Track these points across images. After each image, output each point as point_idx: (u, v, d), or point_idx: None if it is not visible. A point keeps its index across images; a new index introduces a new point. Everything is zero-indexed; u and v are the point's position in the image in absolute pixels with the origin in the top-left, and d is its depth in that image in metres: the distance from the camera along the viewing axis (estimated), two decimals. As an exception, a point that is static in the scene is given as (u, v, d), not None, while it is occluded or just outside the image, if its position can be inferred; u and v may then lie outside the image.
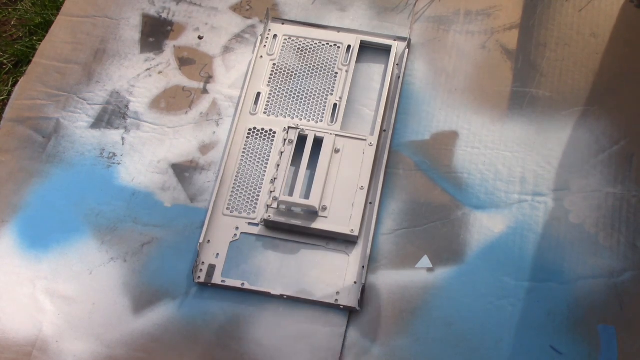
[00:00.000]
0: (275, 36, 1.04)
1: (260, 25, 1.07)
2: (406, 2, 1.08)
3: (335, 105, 0.98)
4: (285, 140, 0.95)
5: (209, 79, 1.03)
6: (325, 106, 0.98)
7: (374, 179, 0.93)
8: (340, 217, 0.89)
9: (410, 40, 1.03)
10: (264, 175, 0.93)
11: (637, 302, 0.84)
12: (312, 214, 0.89)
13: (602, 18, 1.03)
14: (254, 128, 0.97)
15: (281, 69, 1.02)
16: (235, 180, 0.94)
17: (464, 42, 1.03)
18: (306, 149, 0.93)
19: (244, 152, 0.95)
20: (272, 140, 0.96)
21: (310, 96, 0.99)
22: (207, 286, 0.87)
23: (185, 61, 1.05)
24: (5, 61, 1.26)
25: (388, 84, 0.99)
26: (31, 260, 0.90)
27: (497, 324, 0.84)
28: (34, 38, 1.27)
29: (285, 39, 1.04)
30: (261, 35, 1.04)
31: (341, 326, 0.85)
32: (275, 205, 0.90)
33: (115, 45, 1.06)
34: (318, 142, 0.94)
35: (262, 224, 0.91)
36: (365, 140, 0.94)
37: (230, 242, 0.90)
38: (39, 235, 0.92)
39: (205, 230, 0.89)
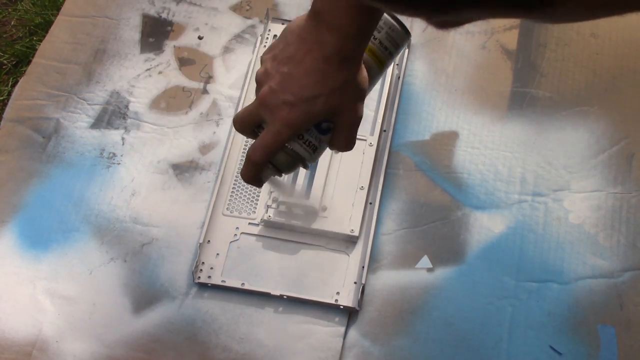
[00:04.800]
0: (275, 36, 1.04)
1: (260, 25, 1.07)
2: (406, 2, 1.07)
3: (335, 105, 0.98)
4: (285, 140, 0.95)
5: (209, 79, 1.03)
6: (325, 106, 0.98)
7: (374, 179, 0.93)
8: (340, 217, 0.89)
9: (410, 40, 1.03)
10: (264, 175, 0.93)
11: (637, 302, 0.84)
12: (312, 214, 0.89)
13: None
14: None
15: (281, 69, 1.02)
16: (235, 180, 0.93)
17: (464, 42, 1.03)
18: (306, 149, 0.93)
19: (244, 152, 0.95)
20: (272, 140, 0.96)
21: (310, 96, 0.99)
22: (207, 286, 0.87)
23: (185, 61, 1.05)
24: (5, 61, 1.26)
25: (388, 84, 0.99)
26: (31, 260, 0.90)
27: (497, 324, 0.84)
28: (34, 38, 1.27)
29: (285, 39, 1.04)
30: (261, 35, 1.04)
31: (341, 326, 0.85)
32: (275, 205, 0.90)
33: (115, 45, 1.06)
34: (318, 142, 0.94)
35: (262, 224, 0.91)
36: (365, 140, 0.94)
37: (230, 242, 0.90)
38: (39, 235, 0.92)
39: (205, 230, 0.89)
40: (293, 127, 0.63)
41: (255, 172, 0.67)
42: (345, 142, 0.67)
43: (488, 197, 0.92)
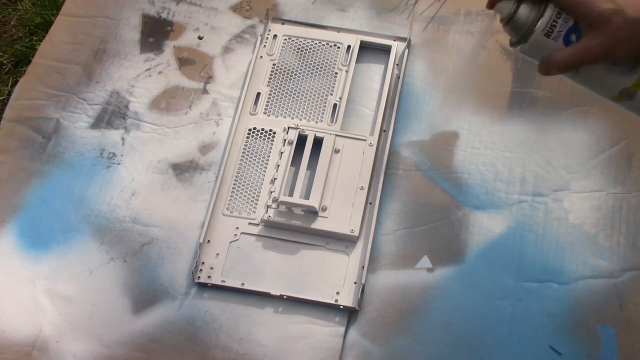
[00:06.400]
0: (275, 36, 1.05)
1: (260, 25, 1.07)
2: (406, 2, 1.08)
3: (335, 105, 0.98)
4: (285, 140, 0.95)
5: (208, 79, 1.03)
6: (325, 106, 0.98)
7: (374, 179, 0.93)
8: (340, 217, 0.89)
9: (410, 40, 1.03)
10: (264, 175, 0.93)
11: (637, 302, 0.84)
12: (312, 214, 0.89)
13: (602, 18, 1.03)
14: (254, 128, 0.97)
15: (281, 69, 1.02)
16: (235, 180, 0.94)
17: (464, 42, 1.03)
18: (306, 149, 0.93)
19: (243, 152, 0.95)
20: (272, 141, 0.96)
21: (310, 96, 0.99)
22: (207, 286, 0.87)
23: (185, 61, 1.05)
24: (5, 61, 1.26)
25: (388, 84, 0.99)
26: (31, 260, 0.90)
27: (497, 324, 0.84)
28: (34, 38, 1.27)
29: (285, 39, 1.04)
30: (261, 35, 1.05)
31: (341, 326, 0.85)
32: (275, 205, 0.90)
33: (115, 45, 1.06)
34: (318, 142, 0.94)
35: (262, 224, 0.91)
36: (365, 140, 0.94)
37: (230, 242, 0.90)
38: (39, 235, 0.92)
39: (205, 230, 0.89)
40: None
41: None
42: (565, 60, 0.61)
43: (488, 197, 0.92)
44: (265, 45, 1.04)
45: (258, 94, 1.00)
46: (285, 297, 0.86)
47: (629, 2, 0.58)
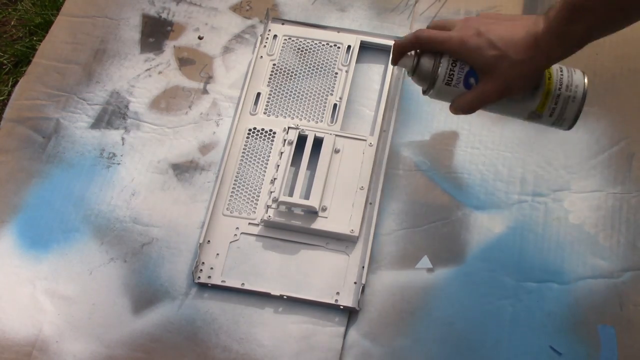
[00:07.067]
0: (275, 36, 1.04)
1: (260, 25, 1.07)
2: (406, 2, 1.08)
3: (335, 105, 0.98)
4: (285, 140, 0.95)
5: (209, 79, 1.03)
6: (325, 106, 0.98)
7: (374, 179, 0.93)
8: (340, 217, 0.89)
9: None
10: (264, 175, 0.93)
11: (637, 302, 0.84)
12: (312, 214, 0.89)
13: (602, 18, 1.03)
14: (254, 128, 0.97)
15: (281, 69, 1.02)
16: (235, 180, 0.94)
17: (464, 42, 1.03)
18: (306, 149, 0.93)
19: (243, 153, 0.95)
20: (272, 141, 0.96)
21: (310, 96, 0.99)
22: (207, 286, 0.87)
23: (185, 61, 1.05)
24: (5, 61, 1.26)
25: (388, 84, 0.99)
26: (31, 260, 0.90)
27: (497, 324, 0.84)
28: (34, 38, 1.27)
29: (285, 39, 1.04)
30: (261, 35, 1.05)
31: (341, 326, 0.85)
32: (275, 205, 0.90)
33: (115, 45, 1.06)
34: (318, 143, 0.94)
35: (262, 224, 0.90)
36: (365, 140, 0.94)
37: (230, 242, 0.90)
38: (39, 235, 0.92)
39: (205, 230, 0.89)
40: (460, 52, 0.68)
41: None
42: (467, 105, 0.70)
43: (488, 197, 0.92)
44: (265, 45, 1.04)
45: (258, 94, 1.00)
46: (285, 297, 0.86)
47: (510, 45, 0.65)
